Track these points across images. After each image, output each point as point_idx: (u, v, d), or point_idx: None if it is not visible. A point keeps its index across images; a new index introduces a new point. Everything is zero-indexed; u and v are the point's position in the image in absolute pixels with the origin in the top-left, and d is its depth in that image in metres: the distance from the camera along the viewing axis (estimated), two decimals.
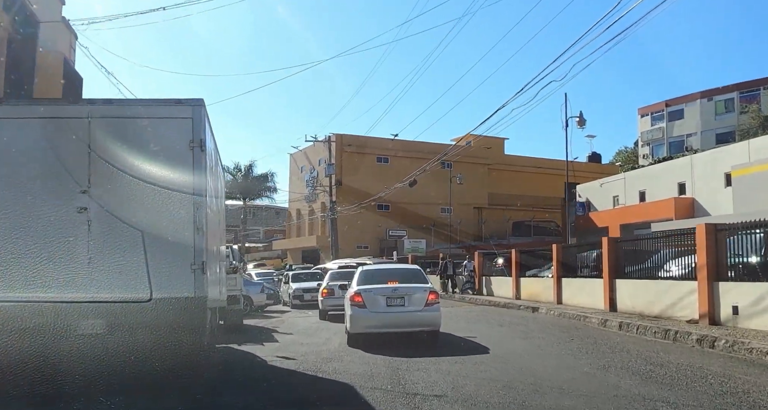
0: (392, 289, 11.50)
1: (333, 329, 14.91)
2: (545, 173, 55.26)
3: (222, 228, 10.28)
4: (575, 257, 19.19)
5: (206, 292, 7.07)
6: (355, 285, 11.98)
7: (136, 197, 6.94)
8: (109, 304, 6.68)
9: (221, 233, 10.01)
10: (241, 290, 14.01)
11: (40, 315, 6.45)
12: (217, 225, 9.11)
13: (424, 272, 13.07)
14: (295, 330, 15.11)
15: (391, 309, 11.39)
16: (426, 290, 11.64)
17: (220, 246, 9.79)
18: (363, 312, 11.39)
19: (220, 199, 9.56)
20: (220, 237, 9.87)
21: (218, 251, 9.12)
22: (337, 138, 47.18)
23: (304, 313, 21.37)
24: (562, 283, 19.05)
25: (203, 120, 7.27)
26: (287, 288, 25.59)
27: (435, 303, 11.58)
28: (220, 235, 9.69)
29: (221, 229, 10.08)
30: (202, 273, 7.00)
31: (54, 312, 6.52)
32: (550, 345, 10.74)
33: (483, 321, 15.50)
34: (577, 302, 17.77)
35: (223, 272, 10.45)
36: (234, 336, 13.14)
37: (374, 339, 11.43)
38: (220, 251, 9.43)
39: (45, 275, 6.63)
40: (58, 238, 6.76)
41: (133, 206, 6.93)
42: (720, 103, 61.14)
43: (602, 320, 13.52)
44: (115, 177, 6.92)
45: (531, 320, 15.52)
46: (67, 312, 6.58)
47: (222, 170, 10.65)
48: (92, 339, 6.57)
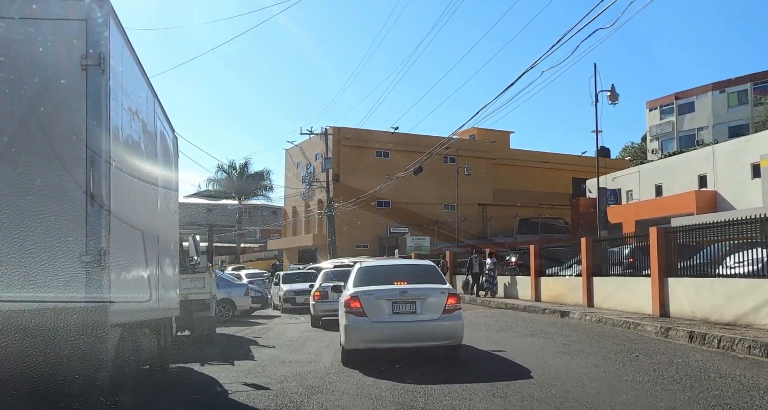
0: (400, 291, 8.86)
1: (326, 339, 12.28)
2: (552, 169, 53.09)
3: (171, 210, 7.57)
4: (607, 253, 16.52)
5: (108, 296, 4.39)
6: (351, 287, 9.33)
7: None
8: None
9: (167, 216, 7.30)
10: (211, 294, 11.35)
11: None
12: (153, 201, 6.41)
13: (439, 269, 10.38)
14: (279, 341, 12.44)
15: (399, 317, 8.77)
16: (443, 292, 9.00)
17: (165, 234, 7.08)
18: (361, 321, 8.75)
19: (161, 165, 6.86)
20: (165, 221, 7.14)
21: (156, 239, 6.42)
22: (334, 131, 44.51)
23: (294, 319, 18.69)
24: (593, 283, 16.36)
25: (108, 26, 4.58)
26: (277, 290, 22.88)
27: (455, 309, 8.94)
28: (162, 218, 6.98)
29: (168, 210, 7.35)
30: (101, 268, 4.34)
31: None
32: (612, 365, 8.05)
33: (507, 329, 12.83)
34: (613, 305, 15.10)
35: (173, 269, 7.77)
36: (199, 352, 10.47)
37: (376, 356, 8.83)
38: (161, 240, 6.73)
39: None
40: None
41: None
42: (733, 95, 59.22)
43: (661, 328, 10.82)
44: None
45: (565, 327, 12.84)
46: None
47: (169, 128, 7.88)
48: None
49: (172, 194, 7.69)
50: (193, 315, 11.25)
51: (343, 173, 44.48)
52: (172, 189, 7.73)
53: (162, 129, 7.08)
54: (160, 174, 6.78)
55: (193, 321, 11.28)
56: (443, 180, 44.81)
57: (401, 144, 44.02)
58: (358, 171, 43.45)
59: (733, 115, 58.13)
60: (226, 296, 17.69)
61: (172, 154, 7.82)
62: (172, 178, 7.73)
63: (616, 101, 16.94)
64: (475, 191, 46.84)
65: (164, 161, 7.17)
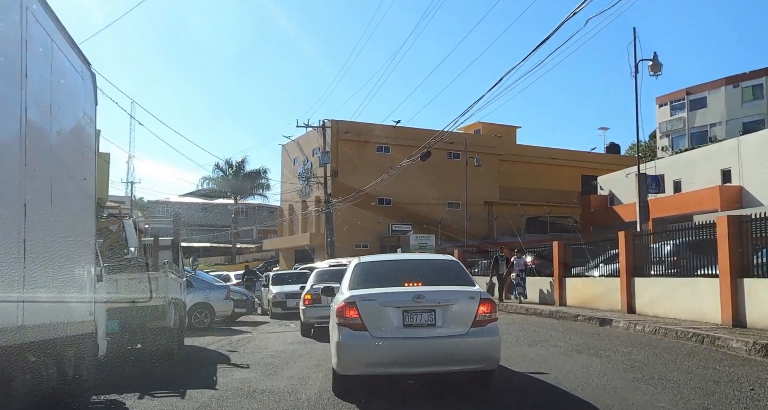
0: (413, 295, 6.40)
1: (316, 354, 9.81)
2: (560, 165, 50.78)
3: (69, 175, 4.97)
4: (650, 250, 14.03)
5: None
6: (347, 290, 6.85)
7: None
8: None
9: (61, 185, 4.72)
10: (167, 298, 8.80)
11: None
12: (13, 155, 3.87)
13: (464, 267, 7.85)
14: (258, 357, 9.91)
15: (412, 331, 6.31)
16: (474, 296, 6.54)
17: (45, 211, 4.49)
18: (360, 337, 6.30)
19: (42, 99, 4.34)
20: (42, 188, 4.49)
21: (17, 217, 3.89)
22: (332, 124, 41.99)
23: (284, 326, 16.19)
24: (634, 284, 13.87)
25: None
26: (267, 293, 20.34)
27: (490, 321, 6.49)
28: (38, 182, 4.37)
29: (62, 174, 4.73)
30: None
31: None
32: (728, 407, 5.54)
33: (542, 342, 10.32)
34: (662, 312, 12.61)
35: (76, 266, 5.20)
36: (149, 372, 7.99)
37: (380, 384, 6.49)
38: (37, 221, 4.19)
39: None
40: None
41: None
42: (747, 89, 57.24)
43: (754, 345, 8.25)
44: None
45: (614, 340, 10.31)
46: None
47: (77, 58, 5.30)
48: None
49: (78, 151, 5.15)
50: (146, 325, 8.74)
51: (342, 169, 42.01)
52: (79, 145, 5.19)
53: (52, 45, 4.57)
54: (39, 113, 4.27)
55: (145, 333, 8.76)
56: (447, 177, 42.52)
57: (403, 138, 41.50)
58: (357, 167, 40.93)
59: (747, 110, 56.36)
60: (203, 300, 15.16)
61: (80, 92, 5.32)
62: (77, 126, 5.19)
63: (659, 72, 14.46)
64: (480, 189, 44.43)
65: (56, 96, 4.66)
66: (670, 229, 13.36)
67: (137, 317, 8.58)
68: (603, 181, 44.69)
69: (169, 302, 9.01)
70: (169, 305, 8.99)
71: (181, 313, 10.84)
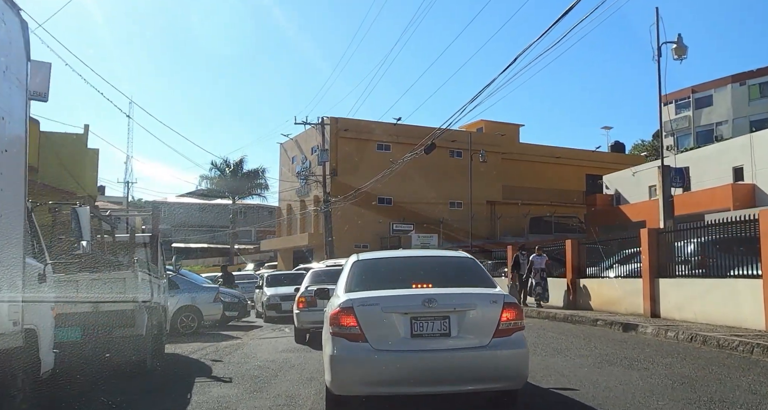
0: (423, 299, 5.30)
1: (309, 366, 8.66)
2: (564, 164, 49.75)
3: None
4: (674, 249, 12.89)
5: None
6: (343, 292, 5.73)
7: None
8: None
9: None
10: (136, 302, 7.65)
11: None
12: None
13: (482, 266, 6.67)
14: (243, 368, 8.75)
15: (422, 342, 5.23)
16: (496, 300, 5.44)
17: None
18: (359, 350, 5.21)
19: None
20: None
21: None
22: (331, 122, 40.85)
23: (277, 331, 15.04)
24: (658, 286, 12.71)
25: None
26: (261, 295, 19.16)
27: (515, 329, 5.41)
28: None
29: None
30: None
31: None
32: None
33: (564, 351, 9.17)
34: (691, 316, 11.47)
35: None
36: (114, 388, 6.83)
37: (380, 403, 5.32)
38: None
39: None
40: None
41: None
42: (754, 87, 56.40)
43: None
44: None
45: (646, 348, 9.16)
46: None
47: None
48: None
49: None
50: (113, 333, 7.58)
51: (342, 167, 40.89)
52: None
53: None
54: None
55: (112, 342, 7.60)
56: (448, 176, 41.50)
57: (404, 136, 40.37)
58: (357, 166, 39.81)
59: (755, 108, 55.56)
60: (189, 302, 13.98)
61: (4, 38, 4.18)
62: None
63: (684, 56, 13.30)
64: (483, 188, 43.34)
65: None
66: (699, 225, 12.22)
67: (102, 323, 7.43)
68: (609, 180, 43.88)
69: (141, 306, 7.85)
70: (140, 310, 7.83)
71: (159, 318, 9.69)
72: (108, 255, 8.27)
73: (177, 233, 68.66)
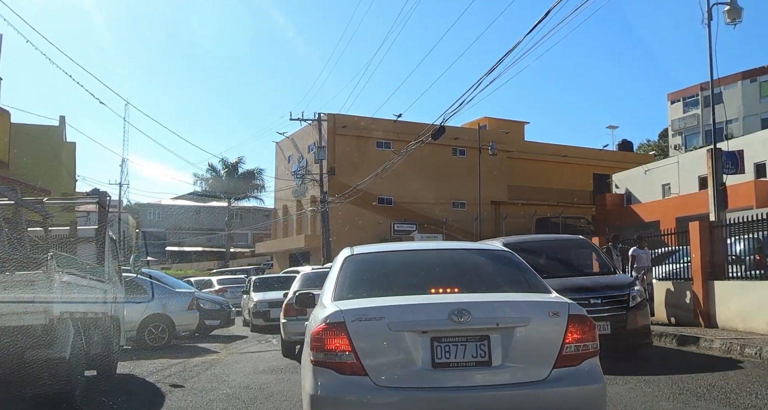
0: (450, 310, 3.39)
1: (292, 393, 6.63)
2: (571, 163, 48.03)
3: None
4: (726, 246, 10.89)
5: None
6: (330, 301, 3.75)
7: None
8: None
9: None
10: (50, 313, 5.61)
11: None
12: None
13: (526, 262, 4.60)
14: (208, 397, 6.71)
15: (449, 376, 3.33)
16: (558, 312, 3.50)
17: None
18: (353, 387, 3.29)
19: None
20: None
21: None
22: (329, 118, 38.99)
23: (264, 342, 13.04)
24: (714, 290, 10.69)
25: None
26: (248, 301, 17.12)
27: (586, 354, 3.44)
28: None
29: None
30: None
31: None
32: None
33: (621, 371, 7.12)
34: (760, 327, 9.45)
35: None
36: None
37: None
38: None
39: None
40: None
41: None
42: (765, 84, 55.34)
43: None
44: None
45: (728, 369, 7.12)
46: None
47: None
48: None
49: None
50: (24, 355, 5.56)
51: (340, 166, 39.04)
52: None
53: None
54: None
55: (22, 367, 5.56)
56: (451, 175, 39.90)
57: (405, 133, 38.47)
58: (355, 164, 37.94)
59: (766, 105, 54.29)
60: (159, 310, 11.91)
61: None
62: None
63: (739, 19, 11.38)
64: (487, 188, 41.53)
65: None
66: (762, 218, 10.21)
67: (8, 343, 5.41)
68: (618, 179, 42.56)
69: (63, 319, 5.82)
70: (62, 325, 5.80)
71: (105, 333, 7.65)
72: (28, 252, 6.23)
73: (172, 235, 66.79)
